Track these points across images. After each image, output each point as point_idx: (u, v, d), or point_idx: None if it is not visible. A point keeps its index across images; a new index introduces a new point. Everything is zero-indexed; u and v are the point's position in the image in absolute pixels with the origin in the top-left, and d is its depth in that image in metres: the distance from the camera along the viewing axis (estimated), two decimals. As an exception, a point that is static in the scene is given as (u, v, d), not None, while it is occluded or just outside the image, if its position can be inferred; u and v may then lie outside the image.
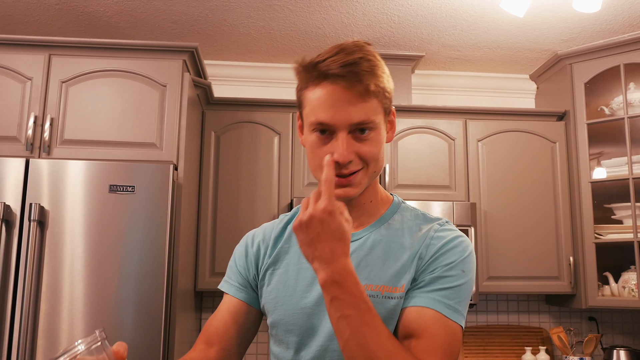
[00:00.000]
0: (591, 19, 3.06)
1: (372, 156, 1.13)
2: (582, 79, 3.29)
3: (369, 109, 1.11)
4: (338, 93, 1.09)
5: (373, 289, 1.14)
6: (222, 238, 3.13)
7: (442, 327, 1.09)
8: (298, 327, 1.19)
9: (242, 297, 1.30)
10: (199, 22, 3.16)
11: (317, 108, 1.11)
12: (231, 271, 1.35)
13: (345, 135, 1.10)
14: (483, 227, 3.24)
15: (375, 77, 1.11)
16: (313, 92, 1.12)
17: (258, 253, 1.31)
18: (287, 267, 1.25)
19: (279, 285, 1.24)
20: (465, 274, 1.15)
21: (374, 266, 1.17)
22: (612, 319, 3.59)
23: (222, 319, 1.29)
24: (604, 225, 3.23)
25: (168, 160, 2.64)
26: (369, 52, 1.13)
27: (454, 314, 1.11)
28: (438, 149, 3.32)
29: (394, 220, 1.23)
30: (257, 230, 1.36)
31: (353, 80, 1.08)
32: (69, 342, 2.36)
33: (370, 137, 1.13)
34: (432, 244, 1.16)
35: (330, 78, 1.09)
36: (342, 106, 1.09)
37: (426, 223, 1.22)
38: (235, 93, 3.62)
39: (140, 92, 2.71)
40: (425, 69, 3.78)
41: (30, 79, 2.69)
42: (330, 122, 1.10)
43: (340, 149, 1.10)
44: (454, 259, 1.14)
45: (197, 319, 3.29)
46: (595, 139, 3.35)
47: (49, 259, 2.41)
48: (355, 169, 1.12)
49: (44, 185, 2.46)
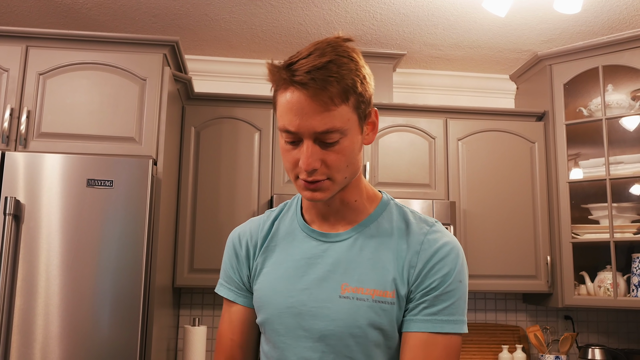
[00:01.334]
0: (571, 20, 3.09)
1: (338, 165, 1.11)
2: (561, 79, 3.32)
3: (335, 117, 1.07)
4: (302, 101, 1.06)
5: (363, 292, 1.13)
6: (201, 234, 3.11)
7: (448, 348, 1.12)
8: (284, 326, 1.18)
9: (247, 304, 1.29)
10: (179, 15, 3.13)
11: (284, 115, 1.09)
12: (227, 276, 1.31)
13: (310, 143, 1.08)
14: (462, 225, 3.26)
15: (344, 82, 1.06)
16: (283, 96, 1.09)
17: (248, 253, 1.28)
18: (273, 265, 1.23)
19: (266, 284, 1.22)
20: (462, 284, 1.15)
21: (364, 269, 1.15)
22: (588, 318, 3.63)
23: (239, 332, 1.29)
24: (581, 225, 3.27)
25: (147, 155, 2.62)
26: (343, 54, 1.09)
27: (460, 325, 1.13)
28: (418, 147, 3.33)
29: (382, 219, 1.21)
30: (242, 229, 1.33)
31: (317, 88, 1.04)
32: (44, 337, 2.33)
33: (337, 145, 1.09)
34: (422, 249, 1.15)
35: (295, 84, 1.06)
36: (307, 113, 1.06)
37: (416, 224, 1.20)
38: (216, 88, 3.60)
39: (119, 86, 2.68)
40: (407, 67, 3.78)
41: (6, 70, 2.64)
42: (295, 131, 1.08)
43: (304, 157, 1.08)
44: (448, 269, 1.14)
45: (175, 315, 3.27)
46: (573, 140, 3.39)
47: (24, 254, 2.37)
48: (320, 178, 1.10)
49: (20, 179, 2.42)
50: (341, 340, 1.13)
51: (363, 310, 1.12)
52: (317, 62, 1.05)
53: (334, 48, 1.08)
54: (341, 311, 1.13)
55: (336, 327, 1.13)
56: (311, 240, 1.21)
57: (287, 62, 1.09)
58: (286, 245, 1.24)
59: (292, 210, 1.29)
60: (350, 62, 1.08)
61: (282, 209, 1.31)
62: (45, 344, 2.33)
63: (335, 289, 1.14)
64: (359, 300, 1.12)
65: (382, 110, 3.32)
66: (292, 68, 1.07)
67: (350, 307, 1.13)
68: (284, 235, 1.25)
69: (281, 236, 1.25)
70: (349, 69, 1.08)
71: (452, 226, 3.10)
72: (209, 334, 3.32)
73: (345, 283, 1.14)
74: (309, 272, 1.18)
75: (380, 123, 3.29)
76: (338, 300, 1.14)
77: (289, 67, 1.07)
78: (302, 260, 1.20)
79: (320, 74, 1.04)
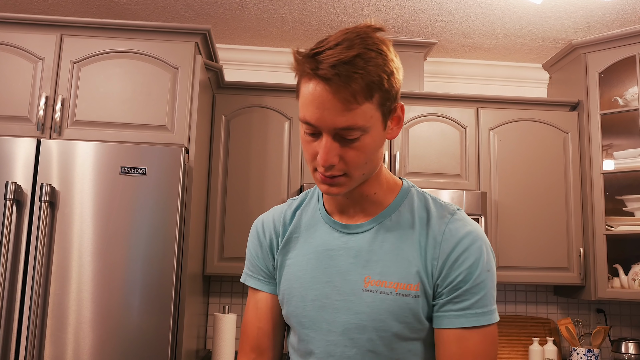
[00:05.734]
0: (608, 7, 3.02)
1: (356, 162, 1.08)
2: (596, 68, 3.26)
3: (357, 115, 1.03)
4: (324, 95, 1.02)
5: (386, 286, 1.11)
6: (231, 223, 3.12)
7: (486, 340, 1.10)
8: (308, 319, 1.17)
9: (273, 291, 1.27)
10: (210, 4, 3.13)
11: (305, 106, 1.06)
12: (252, 264, 1.30)
13: (329, 139, 1.05)
14: (493, 216, 3.22)
15: (369, 78, 1.02)
16: (306, 86, 1.06)
17: (271, 242, 1.27)
18: (296, 257, 1.22)
19: (290, 276, 1.21)
20: (491, 272, 1.13)
21: (386, 261, 1.13)
22: (621, 312, 3.58)
23: (265, 319, 1.27)
24: (615, 217, 3.21)
25: (179, 143, 2.63)
26: (372, 46, 1.04)
27: (494, 316, 1.12)
28: (449, 137, 3.29)
29: (404, 208, 1.18)
30: (265, 217, 1.31)
31: (340, 84, 1.00)
32: (77, 323, 2.36)
33: (357, 142, 1.06)
34: (444, 239, 1.12)
35: (319, 77, 1.02)
36: (328, 108, 1.02)
37: (437, 212, 1.17)
38: (246, 77, 3.60)
39: (151, 74, 2.69)
40: (438, 56, 3.74)
41: (41, 59, 2.67)
42: (315, 124, 1.05)
43: (322, 152, 1.06)
44: (473, 259, 1.11)
45: (204, 303, 3.29)
46: (606, 130, 3.32)
47: (58, 240, 2.41)
48: (336, 174, 1.08)
49: (55, 166, 2.45)
50: (364, 333, 1.12)
51: (387, 303, 1.10)
52: (344, 55, 1.00)
53: (363, 40, 1.04)
54: (364, 305, 1.12)
55: (360, 320, 1.12)
56: (333, 232, 1.20)
57: (313, 49, 1.05)
58: (308, 236, 1.22)
59: (314, 201, 1.27)
60: (379, 57, 1.04)
61: (304, 198, 1.30)
62: (78, 329, 2.37)
63: (358, 282, 1.13)
64: (382, 293, 1.11)
65: (413, 99, 3.29)
66: (317, 59, 1.02)
67: (374, 301, 1.11)
68: (306, 226, 1.24)
69: (304, 227, 1.24)
70: (377, 64, 1.03)
71: (483, 217, 3.07)
72: (238, 321, 3.34)
73: (368, 276, 1.13)
74: (331, 264, 1.17)
75: (411, 112, 3.27)
76: (361, 293, 1.12)
77: (315, 57, 1.03)
78: (324, 252, 1.18)
79: (345, 69, 1.00)
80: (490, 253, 1.15)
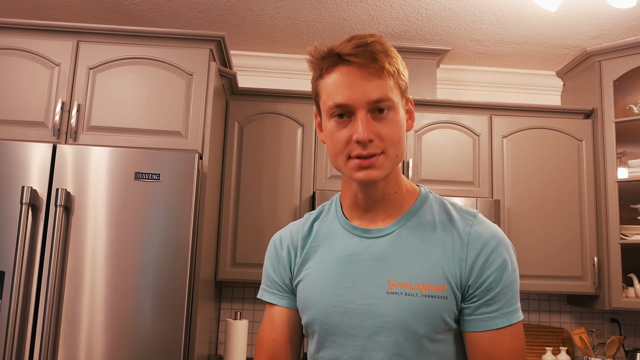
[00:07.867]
0: (623, 15, 3.01)
1: (392, 138, 1.10)
2: (611, 76, 3.24)
3: (386, 87, 1.09)
4: (354, 73, 1.08)
5: (412, 287, 1.11)
6: (243, 229, 3.13)
7: (517, 335, 1.13)
8: (333, 326, 1.16)
9: (289, 305, 1.27)
10: (224, 11, 3.15)
11: (334, 91, 1.10)
12: (268, 280, 1.30)
13: (364, 114, 1.08)
14: (506, 224, 3.21)
15: (390, 58, 1.10)
16: (328, 77, 1.12)
17: (289, 255, 1.27)
18: (316, 265, 1.22)
19: (310, 285, 1.21)
20: (516, 271, 1.15)
21: (410, 263, 1.13)
22: (635, 322, 3.54)
23: (281, 332, 1.26)
24: (630, 226, 3.19)
25: (193, 149, 2.64)
26: (382, 39, 1.12)
27: (519, 312, 1.14)
28: (462, 145, 3.29)
29: (424, 211, 1.19)
30: (283, 232, 1.32)
31: (367, 58, 1.07)
32: (90, 327, 2.37)
33: (390, 117, 1.10)
34: (470, 241, 1.13)
35: (344, 60, 1.09)
36: (358, 84, 1.08)
37: (459, 216, 1.18)
38: (259, 84, 3.62)
39: (166, 80, 2.71)
40: (451, 63, 3.74)
41: (58, 64, 2.70)
42: (348, 103, 1.09)
43: (360, 128, 1.08)
44: (501, 259, 1.12)
45: (216, 308, 3.30)
46: (620, 138, 3.30)
47: (73, 244, 2.42)
48: (375, 151, 1.09)
49: (70, 171, 2.47)
50: (391, 336, 1.11)
51: (413, 305, 1.10)
52: (362, 41, 1.09)
53: (372, 35, 1.12)
54: (390, 307, 1.11)
55: (386, 323, 1.11)
56: (353, 237, 1.20)
57: (328, 48, 1.12)
58: (328, 244, 1.22)
59: (333, 210, 1.27)
60: (390, 47, 1.13)
61: (321, 211, 1.30)
62: (91, 333, 2.38)
63: (382, 285, 1.13)
64: (408, 295, 1.10)
65: (426, 106, 3.29)
66: (336, 51, 1.10)
67: (399, 303, 1.10)
68: (325, 235, 1.24)
69: (322, 236, 1.24)
70: (391, 49, 1.12)
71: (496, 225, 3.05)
72: (250, 327, 3.34)
73: (392, 278, 1.12)
74: (353, 270, 1.16)
75: (424, 119, 3.27)
76: (386, 296, 1.12)
77: (332, 50, 1.11)
78: (345, 258, 1.18)
79: (369, 48, 1.08)
80: (513, 253, 1.17)
